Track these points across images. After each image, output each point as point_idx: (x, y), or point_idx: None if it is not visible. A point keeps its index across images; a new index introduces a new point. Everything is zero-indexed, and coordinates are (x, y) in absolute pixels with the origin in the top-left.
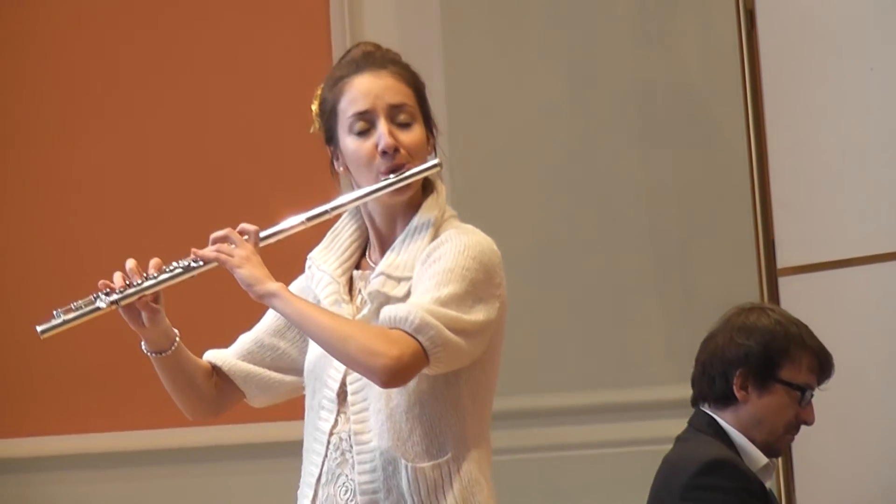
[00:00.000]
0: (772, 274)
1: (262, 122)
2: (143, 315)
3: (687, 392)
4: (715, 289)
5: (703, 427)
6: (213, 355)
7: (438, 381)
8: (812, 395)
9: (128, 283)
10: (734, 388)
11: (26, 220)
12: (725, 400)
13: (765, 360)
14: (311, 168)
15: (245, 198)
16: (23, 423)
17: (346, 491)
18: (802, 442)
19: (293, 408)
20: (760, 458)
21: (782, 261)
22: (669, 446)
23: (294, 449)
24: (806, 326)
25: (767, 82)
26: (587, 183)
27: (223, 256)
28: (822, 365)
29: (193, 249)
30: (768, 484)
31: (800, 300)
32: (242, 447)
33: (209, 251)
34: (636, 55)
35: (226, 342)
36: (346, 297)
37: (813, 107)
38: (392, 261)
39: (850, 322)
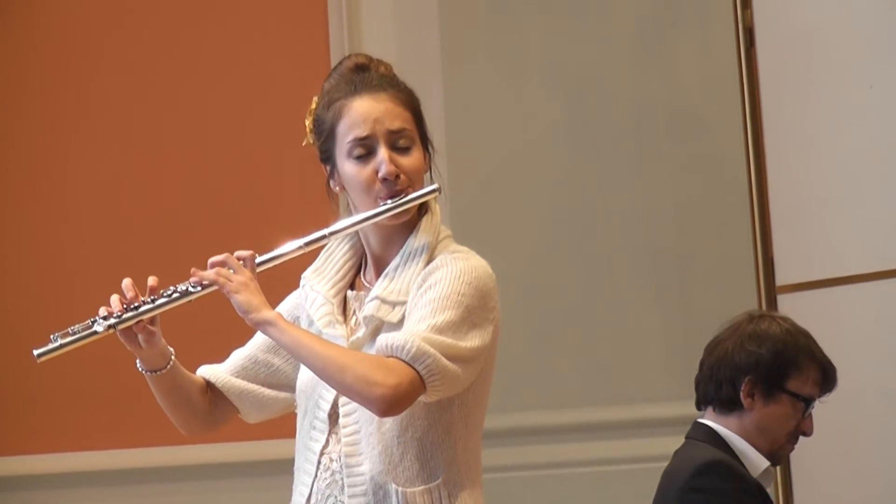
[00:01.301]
0: (770, 291)
1: (260, 137)
2: (140, 337)
3: (686, 409)
4: (714, 306)
5: (701, 436)
6: (207, 371)
7: (431, 405)
8: (813, 407)
9: (126, 306)
10: (741, 394)
11: (25, 239)
12: (731, 405)
13: (774, 369)
14: (307, 180)
15: (241, 208)
16: (20, 440)
17: None
18: (801, 456)
19: (287, 426)
20: (761, 463)
21: (781, 278)
22: (667, 464)
23: (287, 467)
24: (813, 339)
25: (766, 100)
26: (586, 201)
27: (221, 280)
28: (827, 378)
29: (193, 269)
30: (767, 488)
31: (799, 317)
32: (238, 465)
33: (208, 274)
34: (635, 72)
35: (220, 356)
36: (340, 318)
37: (812, 124)
38: (387, 285)
39: (848, 339)
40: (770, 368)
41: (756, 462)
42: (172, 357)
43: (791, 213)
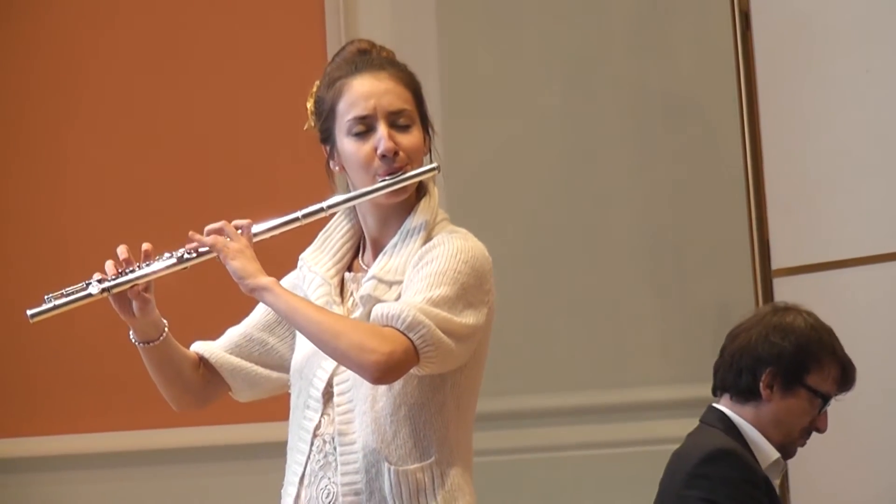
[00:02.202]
0: (766, 275)
1: (257, 120)
2: (134, 304)
3: (682, 392)
4: (710, 290)
5: (714, 422)
6: (200, 347)
7: (424, 385)
8: (829, 405)
9: (120, 271)
10: (761, 384)
11: (23, 220)
12: (749, 394)
13: (795, 363)
14: (304, 165)
15: (238, 194)
16: (14, 423)
17: (329, 494)
18: None
19: (280, 409)
20: (772, 454)
21: (776, 262)
22: (664, 447)
23: (280, 450)
24: (836, 336)
25: (762, 84)
26: (583, 185)
27: (219, 246)
28: (847, 377)
29: (191, 233)
30: (776, 481)
31: (794, 301)
32: (231, 448)
33: (205, 240)
34: (631, 57)
35: (215, 334)
36: (338, 299)
37: (808, 109)
38: (384, 265)
39: (843, 323)
40: (791, 361)
41: (767, 452)
42: (165, 329)
43: (787, 198)
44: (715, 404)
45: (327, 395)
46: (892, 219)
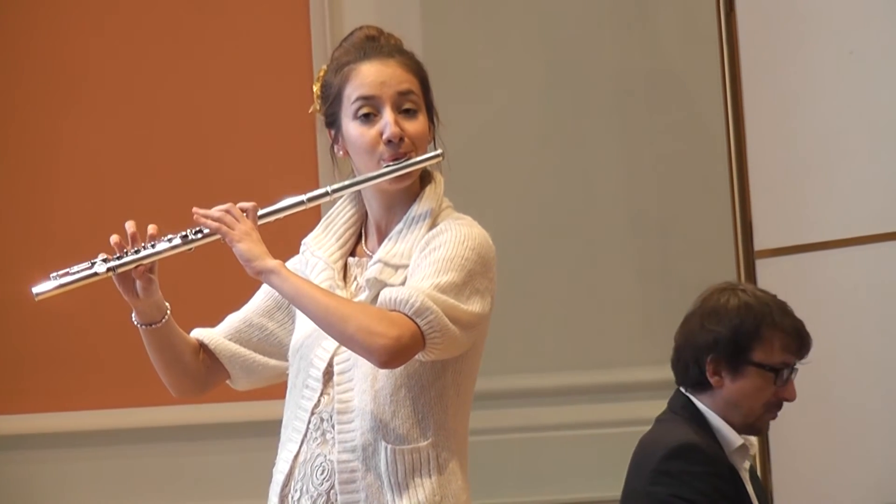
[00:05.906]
0: (749, 256)
1: (240, 104)
2: (138, 285)
3: (665, 374)
4: (693, 271)
5: (679, 409)
6: (200, 332)
7: (425, 370)
8: (792, 373)
9: (125, 250)
10: (707, 374)
11: (19, 204)
12: (700, 385)
13: (735, 346)
14: (290, 150)
15: (226, 182)
16: (8, 400)
17: (324, 471)
18: (777, 423)
19: (276, 387)
20: (735, 440)
21: (760, 243)
22: (647, 428)
23: (276, 428)
24: (779, 304)
25: (746, 65)
26: (566, 165)
27: (224, 228)
28: (798, 342)
29: (195, 216)
30: (746, 464)
31: (777, 282)
32: (226, 426)
33: (211, 220)
34: (616, 38)
35: (216, 319)
36: (341, 284)
37: (791, 90)
38: (390, 249)
39: (826, 304)
40: (730, 345)
41: (730, 439)
42: (168, 312)
43: (770, 178)
44: (682, 388)
45: (327, 374)
46: (875, 201)
